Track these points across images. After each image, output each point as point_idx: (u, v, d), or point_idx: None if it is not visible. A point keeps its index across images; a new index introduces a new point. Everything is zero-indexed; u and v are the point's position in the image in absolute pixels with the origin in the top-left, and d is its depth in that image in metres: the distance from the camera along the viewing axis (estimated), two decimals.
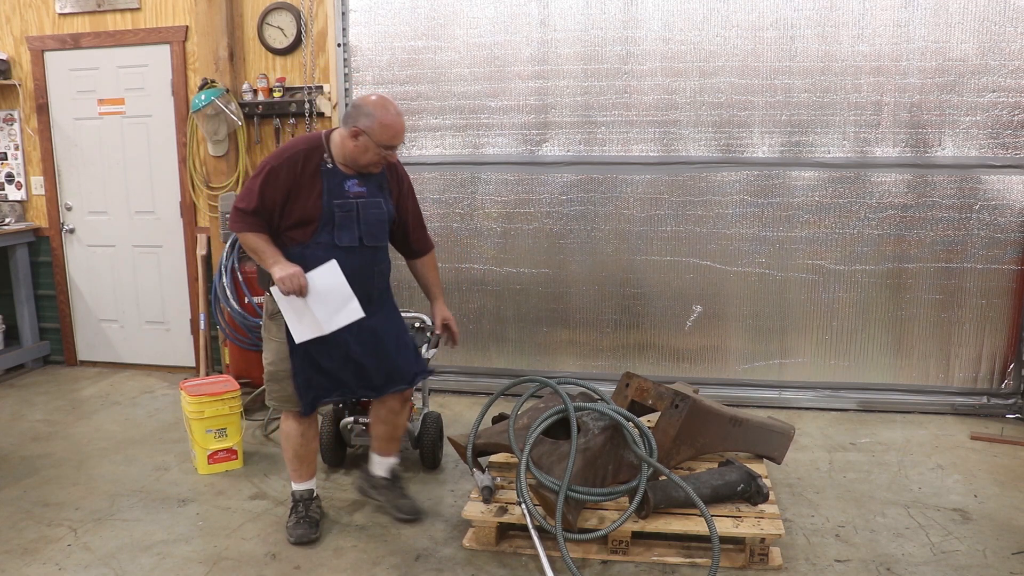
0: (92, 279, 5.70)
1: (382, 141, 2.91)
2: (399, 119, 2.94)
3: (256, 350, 4.68)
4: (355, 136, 2.92)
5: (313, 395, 3.14)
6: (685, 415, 3.27)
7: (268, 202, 2.95)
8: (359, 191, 3.01)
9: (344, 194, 2.99)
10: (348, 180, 3.00)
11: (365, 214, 3.01)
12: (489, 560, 3.05)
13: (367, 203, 3.02)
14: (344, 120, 2.98)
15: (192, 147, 5.19)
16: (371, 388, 3.19)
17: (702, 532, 2.99)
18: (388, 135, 2.92)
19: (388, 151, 2.96)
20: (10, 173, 5.68)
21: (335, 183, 2.98)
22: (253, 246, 2.97)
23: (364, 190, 3.03)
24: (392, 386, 3.21)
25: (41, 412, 4.86)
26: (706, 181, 4.72)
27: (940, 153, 4.51)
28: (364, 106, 2.92)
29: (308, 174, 2.96)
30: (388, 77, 4.94)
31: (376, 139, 2.90)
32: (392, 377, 3.19)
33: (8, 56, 5.48)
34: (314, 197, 2.96)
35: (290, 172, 2.95)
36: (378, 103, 2.92)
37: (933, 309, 4.66)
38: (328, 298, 2.93)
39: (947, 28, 4.38)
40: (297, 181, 2.95)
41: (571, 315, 4.98)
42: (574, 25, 4.69)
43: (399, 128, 2.94)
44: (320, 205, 2.96)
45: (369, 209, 3.02)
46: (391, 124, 2.91)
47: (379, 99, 2.94)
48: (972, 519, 3.38)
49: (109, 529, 3.35)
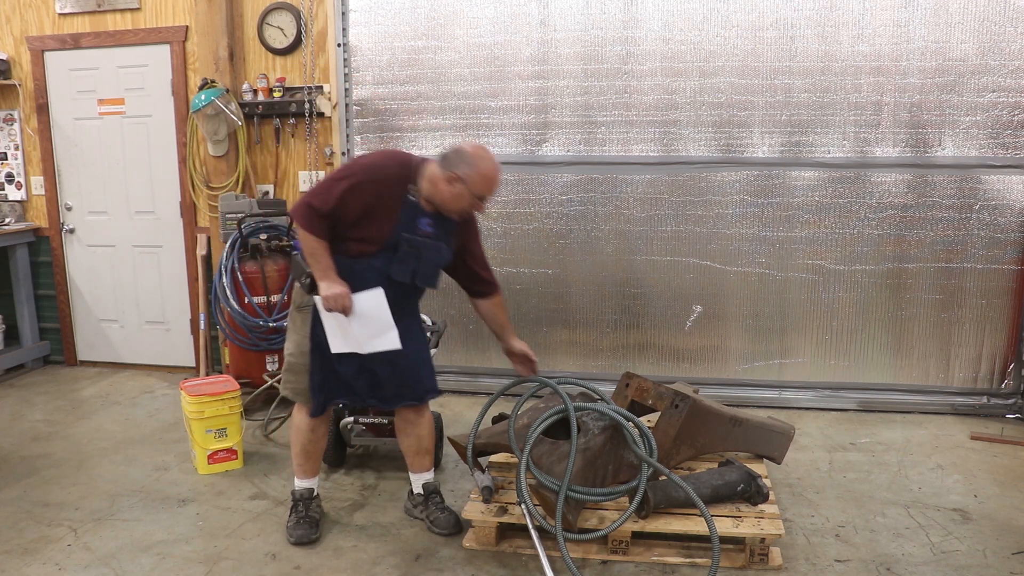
0: (92, 279, 5.70)
1: (478, 192, 2.88)
2: (498, 172, 2.92)
3: (256, 350, 4.69)
4: (451, 182, 2.87)
5: (325, 396, 3.13)
6: (685, 415, 3.27)
7: (344, 210, 2.88)
8: (428, 231, 2.97)
9: (415, 230, 2.95)
10: (423, 218, 2.96)
11: (426, 255, 2.98)
12: (489, 560, 3.05)
13: (431, 245, 2.98)
14: (442, 162, 2.92)
15: (192, 147, 5.19)
16: (381, 398, 3.16)
17: (702, 532, 2.99)
18: (486, 186, 2.90)
19: (481, 202, 2.94)
20: (10, 173, 5.68)
21: (411, 217, 2.94)
22: (310, 249, 2.91)
23: (433, 231, 2.98)
24: (402, 400, 3.17)
25: (41, 412, 4.86)
26: (706, 181, 4.72)
27: (940, 153, 4.51)
28: (465, 154, 2.88)
29: (390, 199, 2.91)
30: (388, 77, 4.94)
31: (473, 189, 2.87)
32: (403, 391, 3.14)
33: (8, 56, 5.48)
34: (388, 224, 2.92)
35: (375, 191, 2.89)
36: (479, 153, 2.89)
37: (933, 309, 4.66)
38: (369, 322, 2.93)
39: (947, 28, 4.38)
40: (378, 203, 2.90)
41: (571, 315, 4.98)
42: (574, 25, 4.69)
43: (497, 181, 2.93)
44: (390, 233, 2.92)
45: (431, 252, 2.99)
46: (491, 177, 2.90)
47: (480, 149, 2.91)
48: (972, 519, 3.38)
49: (109, 529, 3.35)
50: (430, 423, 3.33)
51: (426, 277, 3.04)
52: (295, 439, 3.26)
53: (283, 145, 5.16)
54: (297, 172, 5.17)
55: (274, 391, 4.59)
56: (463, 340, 5.03)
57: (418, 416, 3.27)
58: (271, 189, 5.21)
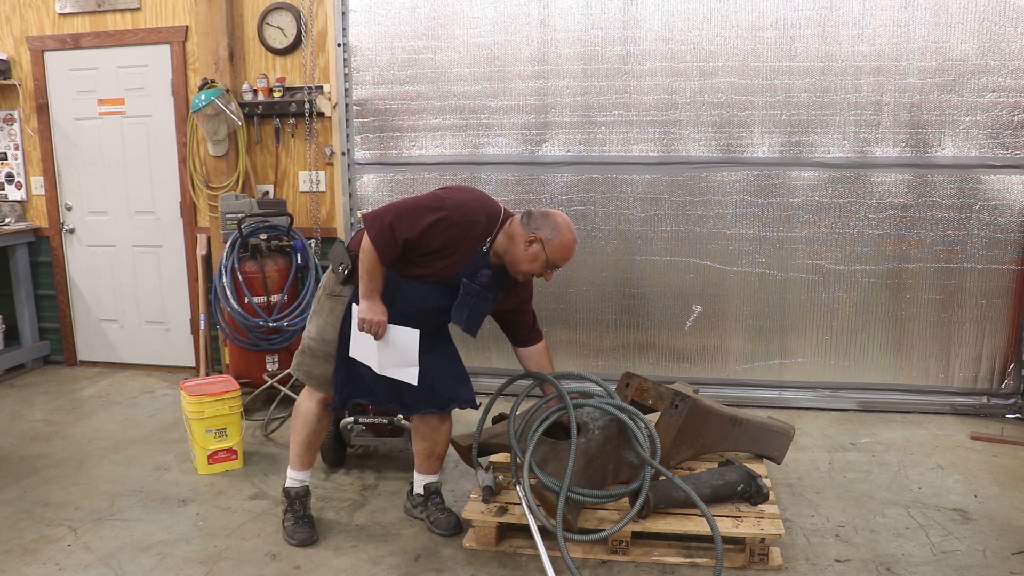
0: (92, 279, 5.70)
1: (554, 259, 2.89)
2: (575, 244, 2.96)
3: (256, 350, 4.70)
4: (530, 243, 2.87)
5: (348, 393, 3.12)
6: (685, 415, 3.27)
7: (424, 242, 2.84)
8: (485, 283, 2.97)
9: (475, 277, 2.94)
10: (486, 269, 2.95)
11: (476, 303, 2.98)
12: (489, 560, 3.05)
13: (482, 294, 2.98)
14: (526, 221, 2.91)
15: (192, 147, 5.19)
16: (401, 404, 3.14)
17: (702, 532, 3.00)
18: (563, 256, 2.91)
19: (551, 271, 2.95)
20: (10, 173, 5.68)
21: (476, 265, 2.94)
22: (369, 267, 2.86)
23: (488, 283, 2.98)
24: (422, 407, 3.13)
25: (41, 412, 4.86)
26: (706, 181, 4.72)
27: (940, 153, 4.51)
28: (551, 219, 2.88)
29: (468, 245, 2.90)
30: (388, 77, 4.94)
31: (550, 255, 2.88)
32: (423, 399, 3.10)
33: (8, 56, 5.48)
34: (456, 266, 2.91)
35: (459, 235, 2.87)
36: (565, 223, 2.91)
37: (933, 309, 4.66)
38: (395, 353, 2.96)
39: (947, 28, 4.38)
40: (456, 245, 2.89)
41: (571, 315, 4.98)
42: (574, 25, 4.69)
43: (572, 252, 2.95)
44: (455, 274, 2.92)
45: (480, 300, 2.99)
46: (570, 247, 2.92)
47: (566, 219, 2.93)
48: (972, 519, 3.38)
49: (109, 529, 3.35)
50: (449, 432, 3.30)
51: (470, 323, 3.03)
52: (299, 426, 3.20)
53: (283, 145, 5.16)
54: (297, 172, 5.17)
55: (274, 391, 4.59)
56: (462, 339, 5.01)
57: (440, 423, 3.23)
58: (271, 189, 5.21)
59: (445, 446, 3.32)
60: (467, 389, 3.17)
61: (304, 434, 3.21)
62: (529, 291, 3.20)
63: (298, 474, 3.28)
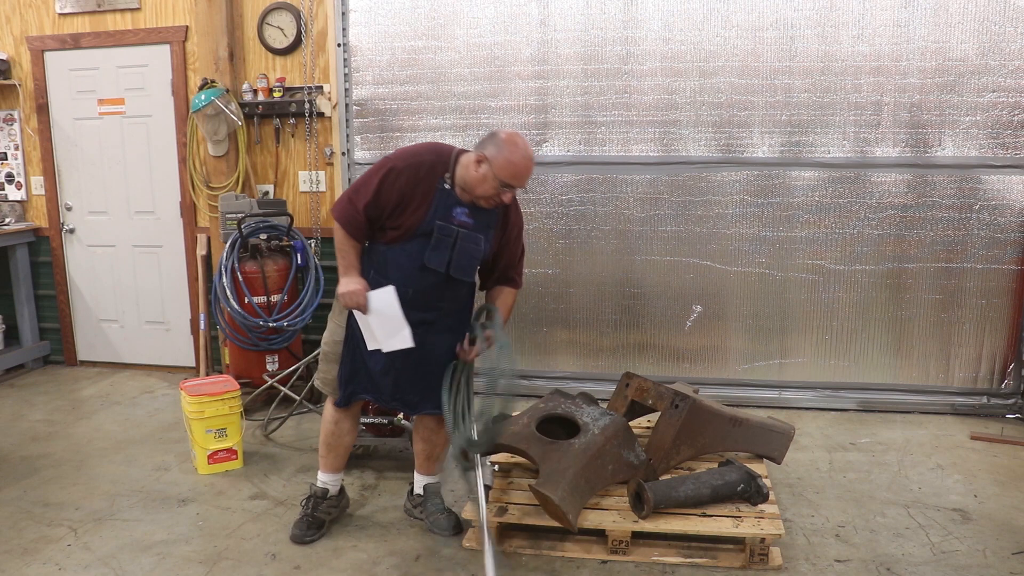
0: (92, 279, 5.70)
1: (502, 176, 2.81)
2: (526, 161, 2.83)
3: (256, 350, 4.70)
4: (478, 163, 2.84)
5: (352, 389, 3.11)
6: (685, 415, 3.27)
7: (382, 199, 2.89)
8: (465, 221, 2.91)
9: (449, 219, 2.90)
10: (458, 207, 2.91)
11: (462, 245, 2.92)
12: None
13: (468, 235, 2.92)
14: (476, 145, 2.92)
15: (192, 147, 5.19)
16: (404, 402, 3.12)
17: (702, 532, 3.00)
18: (508, 172, 2.81)
19: (505, 189, 2.85)
20: (10, 173, 5.68)
21: (445, 205, 2.90)
22: (339, 244, 2.96)
23: (471, 222, 2.92)
24: (426, 407, 3.11)
25: (41, 412, 4.86)
26: (706, 181, 4.72)
27: (940, 153, 4.51)
28: (497, 138, 2.84)
29: (425, 187, 2.89)
30: (388, 77, 4.94)
31: (497, 172, 2.81)
32: (428, 398, 3.08)
33: (8, 56, 5.48)
34: (421, 211, 2.90)
35: (410, 179, 2.88)
36: (510, 139, 2.83)
37: (933, 309, 4.66)
38: (385, 320, 2.93)
39: (947, 28, 4.38)
40: (413, 190, 2.88)
41: (571, 315, 4.98)
42: (574, 25, 4.69)
43: (522, 169, 2.83)
44: (423, 220, 2.90)
45: (467, 242, 2.93)
46: (515, 163, 2.80)
47: (514, 136, 2.85)
48: (972, 519, 3.38)
49: (109, 529, 3.35)
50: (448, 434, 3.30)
51: (461, 268, 2.96)
52: (321, 429, 3.28)
53: (283, 145, 5.16)
54: (297, 172, 5.17)
55: (274, 391, 4.59)
56: None
57: (439, 426, 3.22)
58: (271, 189, 5.21)
59: (444, 448, 3.31)
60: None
61: (322, 436, 3.26)
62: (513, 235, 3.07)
63: (321, 475, 3.32)
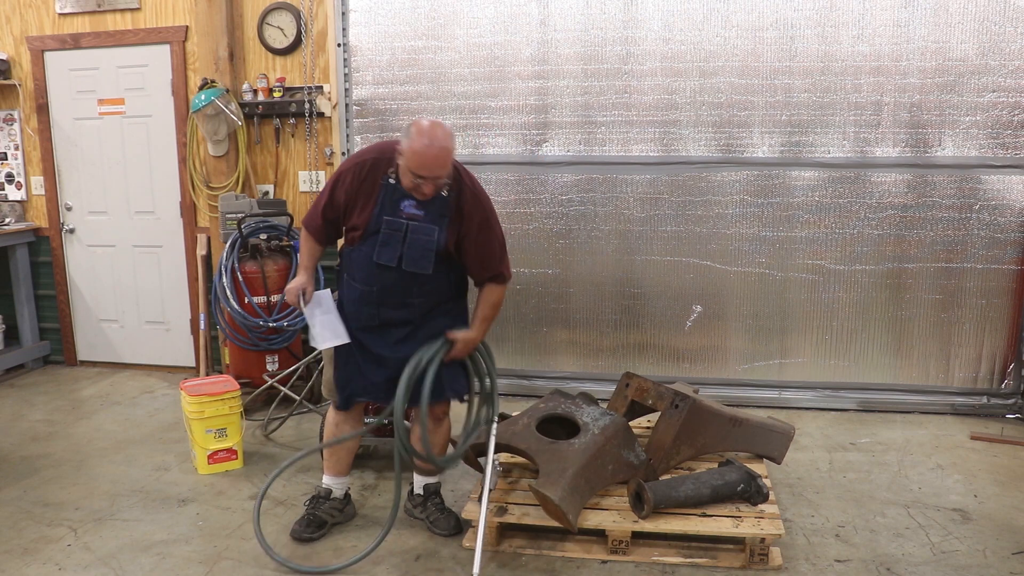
0: (92, 279, 5.70)
1: (410, 167, 2.79)
2: (431, 150, 2.75)
3: (256, 350, 4.69)
4: (400, 155, 2.85)
5: (349, 392, 3.14)
6: (685, 415, 3.27)
7: (335, 202, 3.02)
8: (414, 213, 2.91)
9: (397, 212, 2.91)
10: (406, 200, 2.91)
11: (412, 238, 2.92)
12: (489, 560, 3.04)
13: (418, 227, 2.92)
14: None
15: (192, 147, 5.19)
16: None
17: (702, 532, 3.00)
18: (415, 163, 2.77)
19: (419, 180, 2.80)
20: (10, 173, 5.68)
21: (391, 200, 2.92)
22: (301, 245, 3.18)
23: (421, 214, 2.91)
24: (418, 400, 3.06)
25: (41, 412, 4.86)
26: (706, 181, 4.72)
27: (940, 153, 4.51)
28: (411, 127, 2.80)
29: (369, 184, 2.94)
30: (388, 77, 4.93)
31: (407, 163, 2.80)
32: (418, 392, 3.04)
33: (8, 56, 5.48)
34: (368, 208, 2.94)
35: (354, 179, 2.95)
36: (419, 128, 2.77)
37: (933, 309, 4.66)
38: (325, 319, 3.06)
39: (947, 28, 4.38)
40: (359, 188, 2.94)
41: (571, 315, 4.98)
42: (574, 25, 4.69)
43: (428, 159, 2.75)
44: (370, 217, 2.94)
45: (418, 234, 2.92)
46: (419, 152, 2.75)
47: (424, 124, 2.78)
48: (972, 519, 3.38)
49: (109, 529, 3.35)
50: (446, 433, 3.31)
51: (414, 261, 2.94)
52: (324, 432, 3.35)
53: (283, 145, 5.16)
54: (297, 172, 5.17)
55: (274, 391, 4.59)
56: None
57: (438, 424, 3.24)
58: (271, 189, 5.21)
59: (443, 448, 3.31)
60: (460, 381, 3.16)
61: (324, 439, 3.32)
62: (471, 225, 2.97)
63: (325, 477, 3.35)
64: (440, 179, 2.84)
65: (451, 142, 2.83)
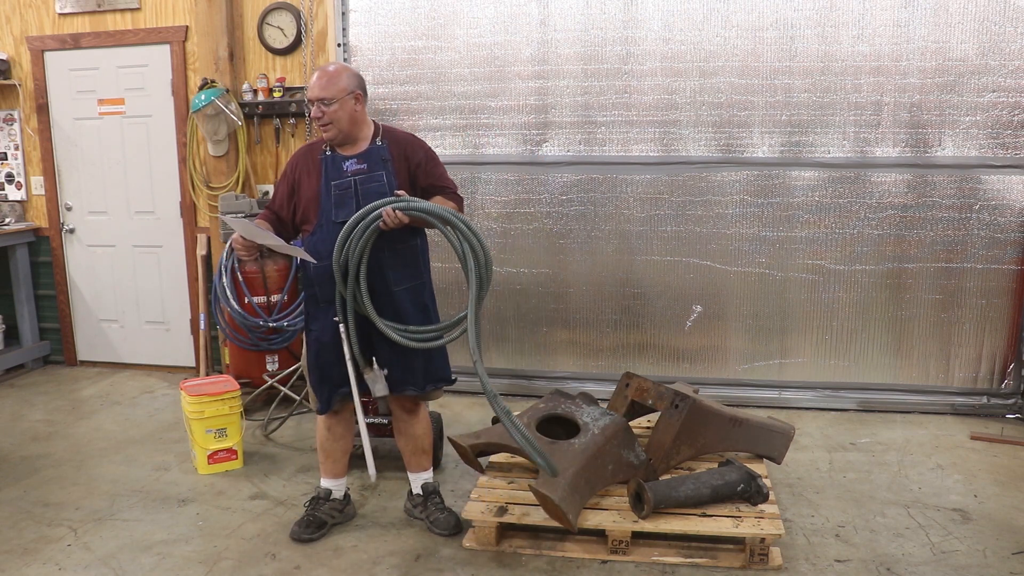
0: (92, 279, 5.70)
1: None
2: (315, 76, 3.02)
3: (256, 350, 4.69)
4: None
5: (329, 391, 3.15)
6: (685, 415, 3.27)
7: (279, 196, 3.17)
8: (358, 168, 3.07)
9: (342, 174, 3.07)
10: (347, 160, 3.08)
11: (364, 189, 3.05)
12: (489, 560, 3.05)
13: (366, 178, 3.06)
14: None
15: (192, 147, 5.19)
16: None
17: (702, 532, 3.00)
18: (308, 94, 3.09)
19: (311, 107, 3.04)
20: (10, 173, 5.68)
21: (334, 166, 3.08)
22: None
23: (364, 167, 3.08)
24: (401, 388, 3.12)
25: (41, 412, 4.86)
26: (706, 181, 4.72)
27: (940, 153, 4.51)
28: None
29: (307, 163, 3.12)
30: (388, 77, 4.94)
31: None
32: (399, 379, 3.10)
33: (8, 56, 5.48)
34: (314, 184, 3.09)
35: (294, 166, 3.16)
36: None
37: (933, 309, 4.66)
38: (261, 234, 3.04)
39: (947, 28, 4.38)
40: (301, 168, 3.13)
41: (571, 315, 4.98)
42: (574, 25, 4.69)
43: (311, 84, 3.02)
44: (318, 188, 3.07)
45: (368, 184, 3.06)
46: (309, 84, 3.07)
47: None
48: (972, 519, 3.38)
49: (109, 529, 3.35)
50: (426, 423, 3.32)
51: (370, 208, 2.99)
52: (316, 437, 3.37)
53: (283, 145, 5.16)
54: None
55: (274, 391, 4.59)
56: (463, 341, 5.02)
57: (411, 416, 3.26)
58: (271, 189, 5.21)
59: (428, 439, 3.34)
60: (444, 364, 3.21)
61: (318, 443, 3.35)
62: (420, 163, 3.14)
63: (322, 480, 3.37)
64: (325, 99, 2.98)
65: (338, 69, 3.03)
